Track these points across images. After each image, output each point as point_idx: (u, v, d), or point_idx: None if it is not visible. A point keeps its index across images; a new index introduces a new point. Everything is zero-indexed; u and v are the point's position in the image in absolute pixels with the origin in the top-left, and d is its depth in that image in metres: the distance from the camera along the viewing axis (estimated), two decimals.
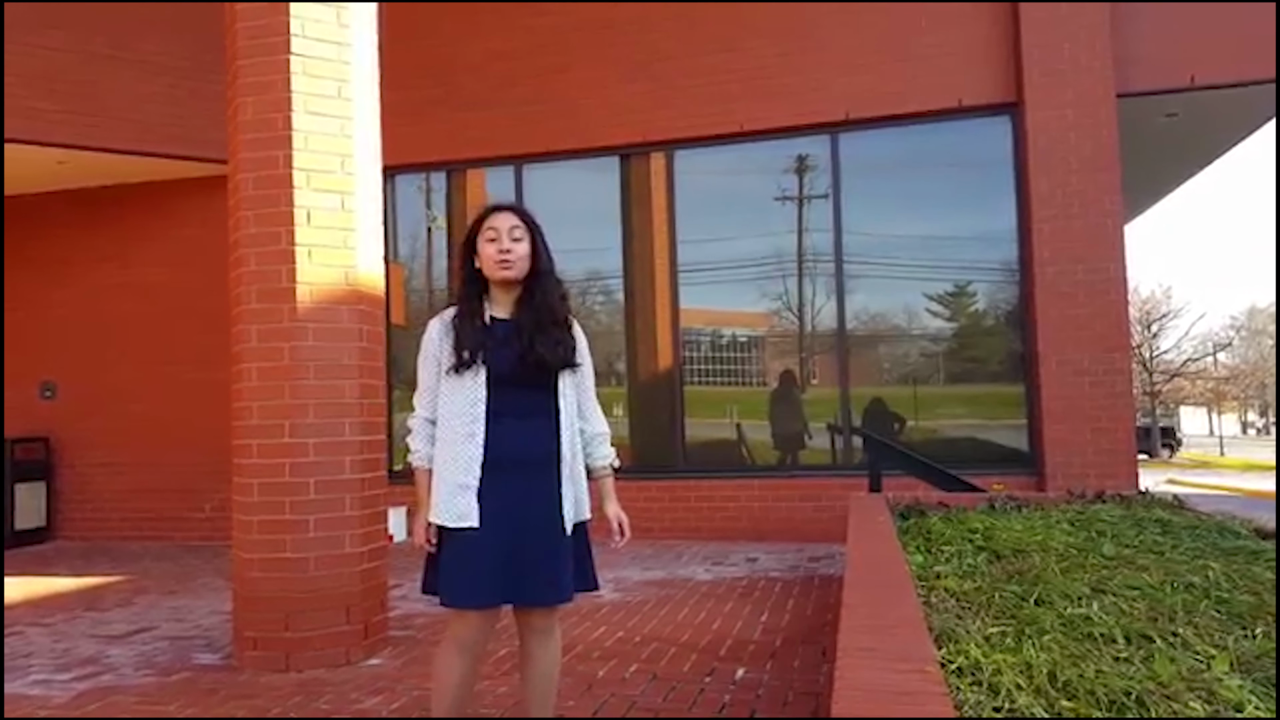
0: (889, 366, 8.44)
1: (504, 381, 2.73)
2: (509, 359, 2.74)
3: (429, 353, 2.82)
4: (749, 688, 3.82)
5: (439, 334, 2.81)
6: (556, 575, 2.71)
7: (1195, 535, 3.60)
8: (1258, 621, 2.29)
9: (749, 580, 6.15)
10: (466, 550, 2.65)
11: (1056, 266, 7.39)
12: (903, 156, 8.11)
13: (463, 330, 2.76)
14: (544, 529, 2.71)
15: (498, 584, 2.64)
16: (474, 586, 2.65)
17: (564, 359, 2.79)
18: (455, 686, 2.74)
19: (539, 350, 2.74)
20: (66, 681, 4.15)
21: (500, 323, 2.81)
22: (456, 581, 2.66)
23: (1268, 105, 7.92)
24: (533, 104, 8.52)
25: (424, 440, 2.81)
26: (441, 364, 2.78)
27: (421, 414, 2.82)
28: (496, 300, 2.84)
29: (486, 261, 2.79)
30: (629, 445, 8.44)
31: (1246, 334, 54.21)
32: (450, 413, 2.74)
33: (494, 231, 2.79)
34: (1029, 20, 7.49)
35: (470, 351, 2.72)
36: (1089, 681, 1.81)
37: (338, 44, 4.52)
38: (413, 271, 9.27)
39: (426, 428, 2.81)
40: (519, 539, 2.66)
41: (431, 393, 2.81)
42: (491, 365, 2.72)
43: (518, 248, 2.78)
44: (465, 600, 2.68)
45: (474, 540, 2.64)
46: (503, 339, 2.77)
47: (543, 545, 2.69)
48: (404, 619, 5.19)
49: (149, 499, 8.78)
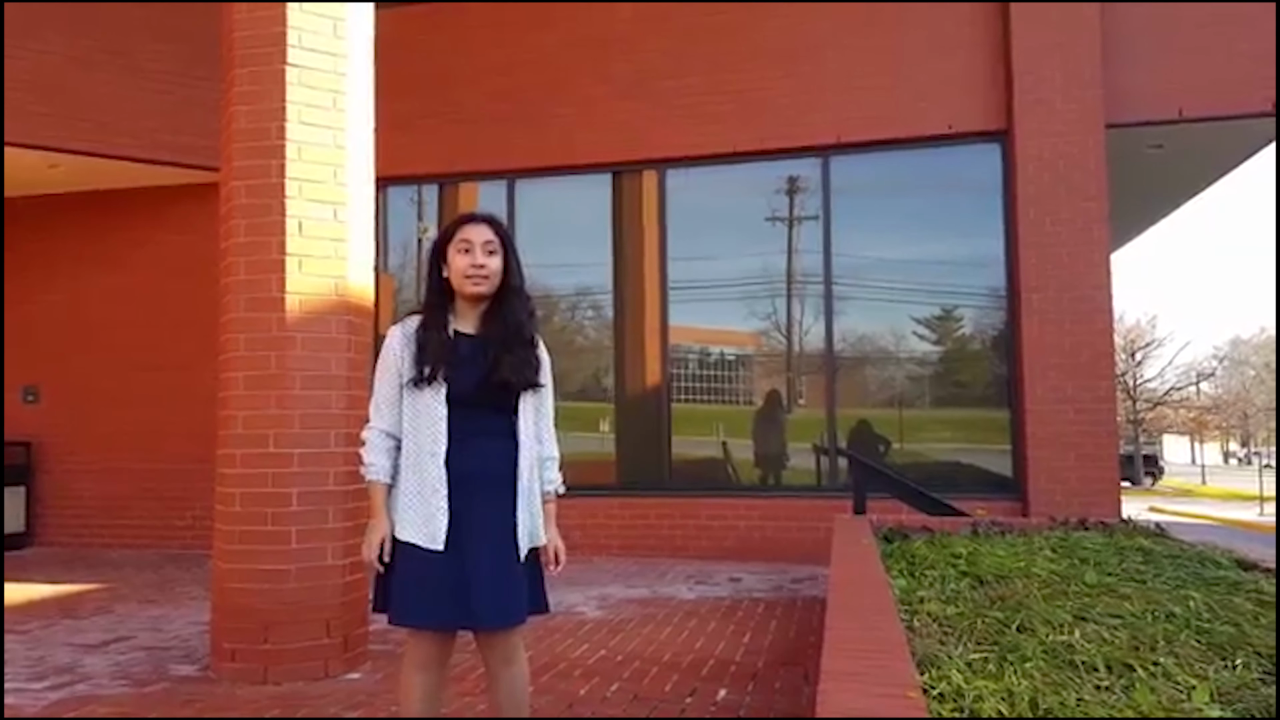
0: (875, 389, 8.46)
1: (465, 401, 2.65)
2: (472, 378, 2.66)
3: (389, 363, 2.72)
4: (730, 709, 3.80)
5: (400, 344, 2.71)
6: (508, 598, 2.64)
7: (1177, 564, 3.61)
8: (1238, 652, 2.30)
9: (732, 600, 6.14)
10: (420, 569, 2.59)
11: (1043, 293, 7.44)
12: (893, 180, 8.16)
13: (426, 343, 2.67)
14: (496, 552, 2.63)
15: (450, 605, 2.57)
16: (426, 606, 2.59)
17: (528, 380, 2.72)
18: (420, 705, 2.69)
19: (504, 372, 2.67)
20: (40, 690, 4.10)
21: (465, 338, 2.73)
22: (408, 600, 2.61)
23: (1253, 139, 8.03)
24: (526, 119, 8.54)
25: (380, 453, 2.70)
26: (402, 376, 2.69)
27: (378, 425, 2.71)
28: (462, 313, 2.76)
29: (456, 274, 2.70)
30: (615, 462, 8.43)
31: (1229, 364, 54.55)
32: (413, 428, 2.66)
33: (467, 243, 2.70)
34: (1020, 49, 7.57)
35: (432, 367, 2.64)
36: (1070, 710, 1.81)
37: (334, 55, 4.53)
38: (403, 283, 9.26)
39: (383, 440, 2.71)
40: (473, 560, 2.59)
41: (390, 405, 2.70)
42: (453, 383, 2.64)
43: (491, 262, 2.70)
44: (416, 619, 2.63)
45: (428, 559, 2.59)
46: (467, 356, 2.69)
47: (497, 567, 2.62)
48: (384, 633, 5.13)
49: (130, 506, 8.70)
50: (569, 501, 3.22)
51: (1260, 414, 52.03)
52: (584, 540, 7.89)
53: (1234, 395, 53.09)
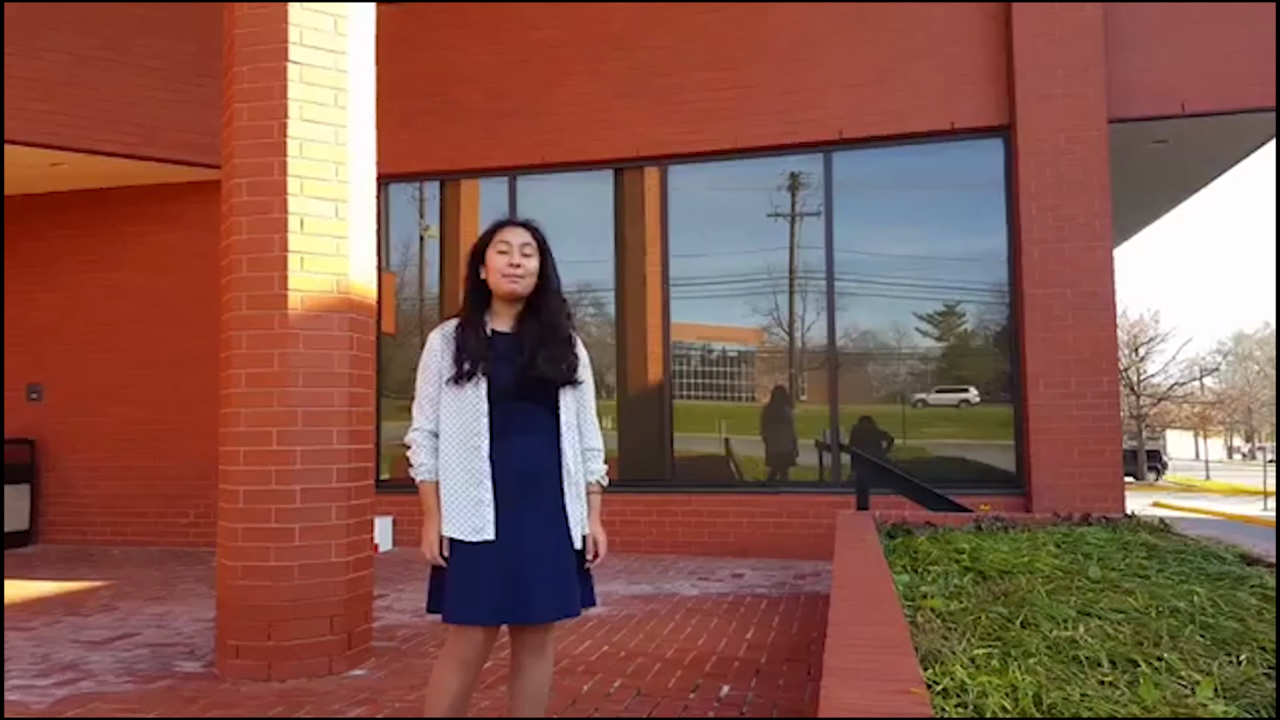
0: (878, 385, 8.46)
1: (505, 395, 2.71)
2: (510, 372, 2.72)
3: (430, 364, 2.79)
4: (733, 705, 3.80)
5: (440, 346, 2.79)
6: (563, 591, 2.68)
7: (1181, 560, 3.61)
8: (1242, 647, 2.30)
9: (735, 596, 6.14)
10: (473, 566, 2.62)
11: (1046, 289, 7.42)
12: (895, 176, 8.15)
13: (464, 341, 2.74)
14: (550, 545, 2.68)
15: (503, 602, 2.61)
16: (479, 603, 2.62)
17: (566, 375, 2.78)
18: (452, 700, 2.71)
19: (540, 365, 2.72)
20: (46, 687, 4.11)
21: (501, 336, 2.80)
22: (462, 597, 2.63)
23: (1255, 134, 8.01)
24: (527, 116, 8.54)
25: (427, 453, 2.75)
26: (442, 375, 2.75)
27: (424, 426, 2.77)
28: (499, 314, 2.83)
29: (494, 273, 2.77)
30: (618, 458, 8.43)
31: (1233, 359, 54.56)
32: (453, 425, 2.71)
33: (505, 245, 2.78)
34: (1022, 44, 7.56)
35: (471, 363, 2.70)
36: (1074, 705, 1.81)
37: (335, 52, 4.52)
38: (404, 280, 9.26)
39: (429, 440, 2.76)
40: (524, 556, 2.63)
41: (432, 404, 2.77)
42: (492, 378, 2.70)
43: (527, 263, 2.78)
44: (470, 617, 2.65)
45: (481, 556, 2.62)
46: (504, 352, 2.75)
47: (550, 561, 2.66)
48: (388, 630, 5.15)
49: (133, 503, 8.72)
50: None
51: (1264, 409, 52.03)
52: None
53: (1238, 390, 53.08)
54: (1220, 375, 51.97)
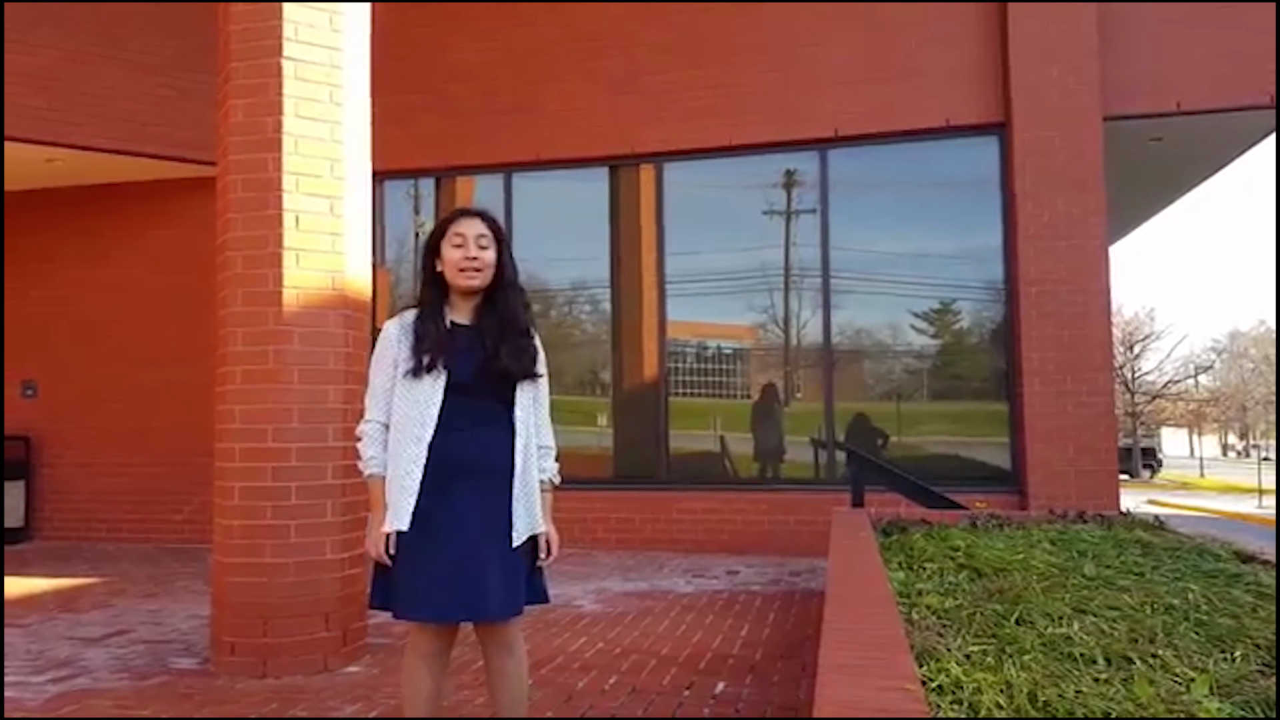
0: (873, 382, 8.46)
1: (463, 389, 2.66)
2: (470, 366, 2.67)
3: (384, 355, 2.73)
4: (728, 702, 3.81)
5: (397, 335, 2.73)
6: (507, 589, 2.63)
7: (1175, 557, 3.62)
8: (1237, 644, 2.30)
9: (730, 593, 6.14)
10: (420, 561, 2.59)
11: (1041, 286, 7.43)
12: (890, 174, 8.15)
13: (424, 332, 2.69)
14: (496, 541, 2.63)
15: (452, 596, 2.57)
16: (428, 598, 2.58)
17: (526, 368, 2.74)
18: (426, 698, 2.70)
19: (504, 359, 2.68)
20: (41, 684, 4.10)
21: (461, 329, 2.74)
22: (410, 593, 2.60)
23: (1251, 131, 8.02)
24: (522, 113, 8.52)
25: (377, 446, 2.72)
26: (398, 366, 2.70)
27: (376, 418, 2.73)
28: (456, 306, 2.78)
29: (450, 266, 2.72)
30: (612, 455, 8.43)
31: (1228, 357, 54.66)
32: (403, 417, 2.66)
33: (460, 237, 2.72)
34: (1017, 42, 7.56)
35: (431, 355, 2.65)
36: (1069, 702, 1.82)
37: (330, 48, 4.51)
38: (399, 277, 9.25)
39: (380, 432, 2.72)
40: (471, 550, 2.59)
41: (385, 395, 2.72)
42: (452, 371, 2.66)
43: (484, 255, 2.72)
44: (418, 613, 2.63)
45: (427, 551, 2.58)
46: (465, 345, 2.70)
47: (494, 558, 2.61)
48: (383, 627, 5.14)
49: (129, 500, 8.70)
50: (566, 495, 3.22)
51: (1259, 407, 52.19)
52: (581, 534, 7.91)
53: (1232, 388, 53.24)
54: (1215, 373, 52.13)
